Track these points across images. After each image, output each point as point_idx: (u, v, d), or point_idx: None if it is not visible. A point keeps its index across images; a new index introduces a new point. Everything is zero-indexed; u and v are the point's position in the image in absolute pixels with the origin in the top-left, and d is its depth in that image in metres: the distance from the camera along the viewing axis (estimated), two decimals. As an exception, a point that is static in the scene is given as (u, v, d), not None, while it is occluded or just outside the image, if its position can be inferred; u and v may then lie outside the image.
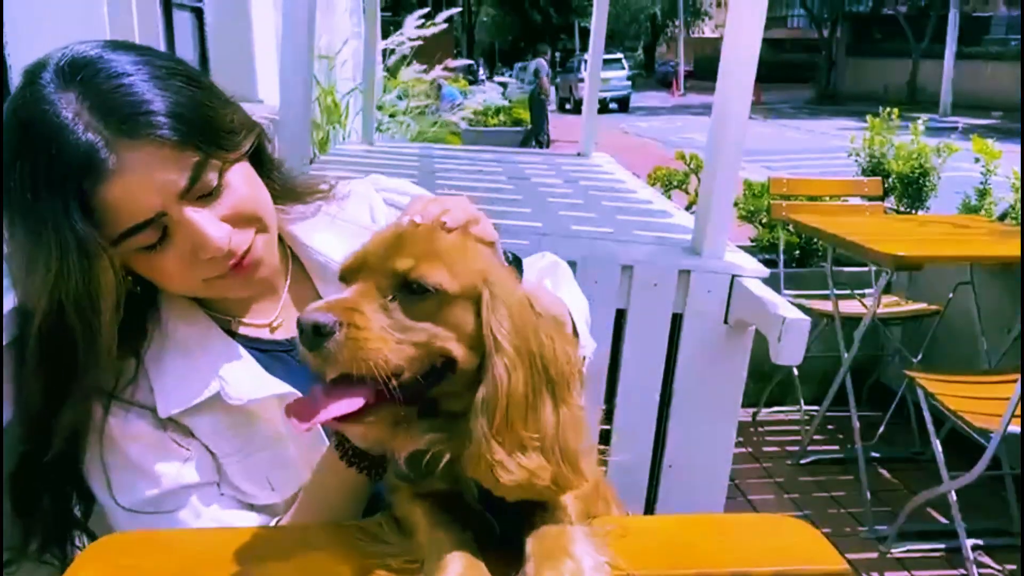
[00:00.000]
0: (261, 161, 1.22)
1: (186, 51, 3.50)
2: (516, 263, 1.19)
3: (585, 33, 43.55)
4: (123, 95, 1.01)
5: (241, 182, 1.12)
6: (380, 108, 6.55)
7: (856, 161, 5.05)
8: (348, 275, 0.93)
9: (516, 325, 0.90)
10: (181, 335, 1.17)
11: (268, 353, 1.22)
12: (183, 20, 3.44)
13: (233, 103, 1.17)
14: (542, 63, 16.11)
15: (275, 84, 4.16)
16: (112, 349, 1.08)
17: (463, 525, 0.93)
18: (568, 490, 0.92)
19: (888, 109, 4.99)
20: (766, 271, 2.05)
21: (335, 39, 6.29)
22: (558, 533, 0.90)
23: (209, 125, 1.07)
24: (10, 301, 1.09)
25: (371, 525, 0.99)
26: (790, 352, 1.78)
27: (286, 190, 1.27)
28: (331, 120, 5.72)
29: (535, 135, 14.58)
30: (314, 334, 0.82)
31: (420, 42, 7.58)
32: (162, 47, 3.14)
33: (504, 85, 16.37)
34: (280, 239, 1.27)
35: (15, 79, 1.80)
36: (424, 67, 7.95)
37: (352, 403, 0.86)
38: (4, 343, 1.07)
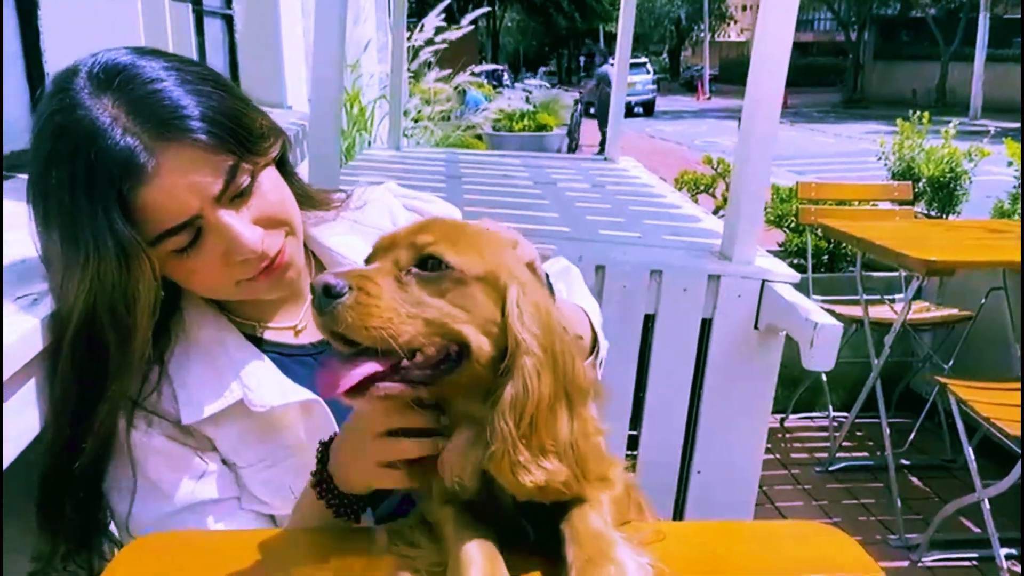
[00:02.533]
0: (284, 167, 1.23)
1: (216, 58, 3.54)
2: (548, 287, 1.19)
3: (610, 37, 43.55)
4: (158, 100, 1.02)
5: (271, 186, 1.14)
6: (404, 114, 6.59)
7: (885, 165, 5.00)
8: (372, 256, 0.93)
9: (543, 330, 0.90)
10: (204, 341, 1.17)
11: (292, 358, 1.23)
12: (214, 27, 3.48)
13: (260, 109, 1.18)
14: (608, 70, 16.10)
15: (303, 91, 4.20)
16: (145, 353, 1.09)
17: (496, 531, 0.93)
18: (578, 494, 0.92)
19: (919, 113, 4.94)
20: (797, 276, 2.03)
21: (360, 47, 6.33)
22: (597, 536, 0.89)
23: (241, 129, 1.08)
24: (44, 309, 1.10)
25: (403, 529, 0.99)
26: (822, 358, 1.76)
27: (306, 196, 1.29)
28: (357, 127, 5.77)
29: (602, 141, 14.52)
30: (324, 294, 0.83)
31: (444, 45, 7.59)
32: (194, 54, 3.17)
33: (528, 91, 16.34)
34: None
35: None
36: (448, 71, 7.96)
37: (370, 367, 0.85)
38: (39, 350, 1.08)
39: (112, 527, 1.20)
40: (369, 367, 0.85)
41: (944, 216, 4.64)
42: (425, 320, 0.86)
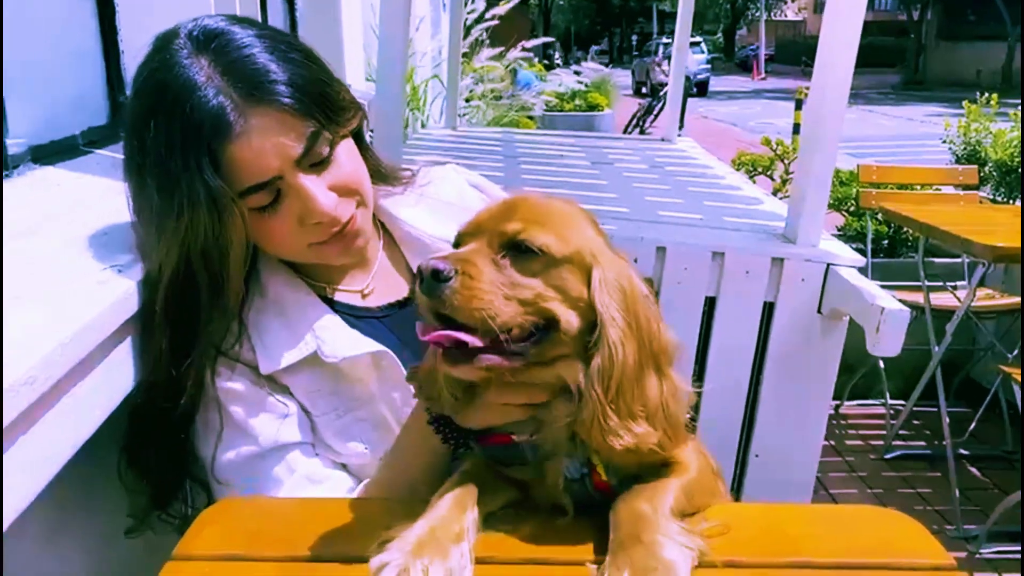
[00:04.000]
0: (360, 140, 1.29)
1: (277, 35, 3.58)
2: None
3: (663, 16, 42.95)
4: (250, 64, 1.09)
5: (347, 157, 1.19)
6: (456, 93, 6.58)
7: (950, 149, 4.88)
8: (461, 239, 0.98)
9: (625, 301, 0.96)
10: (279, 297, 1.23)
11: (360, 319, 1.28)
12: (276, 6, 3.52)
13: (342, 82, 1.23)
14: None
15: (362, 70, 4.23)
16: (236, 304, 1.16)
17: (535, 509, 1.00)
18: (670, 452, 0.98)
19: (986, 95, 4.80)
20: (862, 260, 2.01)
21: (413, 24, 6.33)
22: (635, 519, 0.91)
23: (324, 99, 1.14)
24: (135, 274, 1.15)
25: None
26: (888, 343, 1.74)
27: (378, 171, 1.34)
28: (411, 106, 5.78)
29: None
30: (432, 279, 0.88)
31: (496, 21, 7.55)
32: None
33: (579, 72, 16.17)
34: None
35: (128, 65, 1.88)
36: (500, 49, 7.93)
37: (469, 338, 0.90)
38: (133, 312, 1.13)
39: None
40: (466, 337, 0.90)
41: (1010, 202, 4.51)
42: (520, 300, 0.92)
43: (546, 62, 16.77)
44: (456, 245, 0.99)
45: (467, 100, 7.36)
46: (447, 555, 0.87)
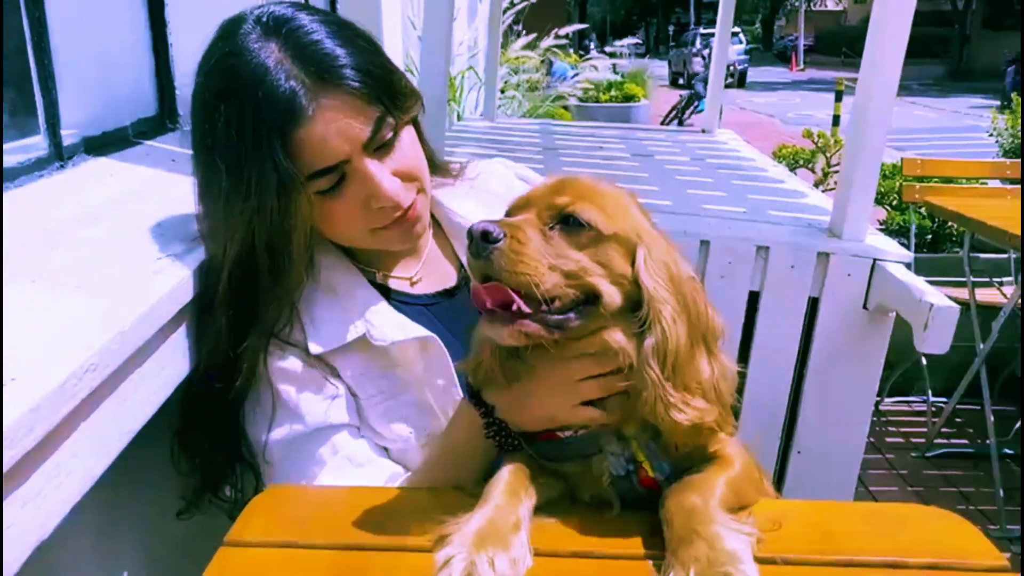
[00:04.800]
0: (418, 129, 1.30)
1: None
2: None
3: (700, 6, 42.47)
4: (320, 48, 1.11)
5: (409, 143, 1.22)
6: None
7: (997, 142, 4.77)
8: (512, 212, 1.00)
9: (672, 280, 0.97)
10: (331, 282, 1.25)
11: (409, 305, 1.29)
12: (317, -2, 3.55)
13: (401, 70, 1.25)
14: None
15: (399, 62, 4.25)
16: (296, 287, 1.19)
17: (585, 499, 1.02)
18: (725, 431, 1.00)
19: (1036, 86, 4.68)
20: (909, 255, 1.98)
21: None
22: (690, 513, 0.91)
23: (389, 85, 1.16)
24: (190, 263, 1.17)
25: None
26: (936, 340, 1.72)
27: (431, 161, 1.35)
28: (447, 98, 5.78)
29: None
30: (482, 239, 0.90)
31: (531, 1, 7.50)
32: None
33: (614, 55, 16.03)
34: None
35: (177, 57, 1.91)
36: (534, 36, 7.89)
37: (515, 297, 0.92)
38: (191, 297, 1.15)
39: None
40: (512, 295, 0.92)
41: (1060, 196, 4.40)
42: (564, 272, 0.94)
43: (581, 52, 16.66)
44: (506, 215, 1.00)
45: (502, 91, 7.35)
46: (509, 545, 0.87)
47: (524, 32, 7.73)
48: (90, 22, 1.66)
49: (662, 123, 13.52)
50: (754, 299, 2.05)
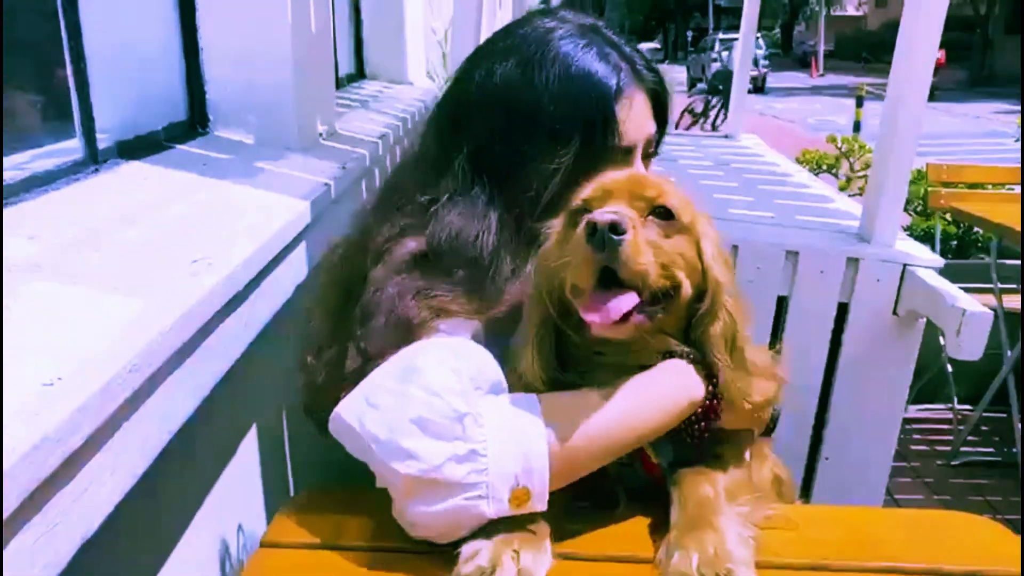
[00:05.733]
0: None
1: (343, 34, 3.63)
2: None
3: (719, 11, 42.33)
4: (628, 50, 1.23)
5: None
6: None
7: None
8: (591, 204, 1.00)
9: (728, 268, 1.03)
10: None
11: None
12: (341, 4, 3.56)
13: None
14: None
15: (423, 68, 4.27)
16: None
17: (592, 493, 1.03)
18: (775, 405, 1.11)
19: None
20: (941, 261, 1.96)
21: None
22: (703, 502, 0.93)
23: (662, 105, 1.28)
24: (224, 268, 1.17)
25: None
26: (969, 347, 1.70)
27: None
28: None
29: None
30: (610, 231, 0.90)
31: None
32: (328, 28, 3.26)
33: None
34: None
35: (207, 61, 1.92)
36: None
37: (630, 300, 0.93)
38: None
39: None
40: (629, 300, 0.93)
41: (1088, 202, 4.35)
42: (660, 263, 0.96)
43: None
44: (584, 210, 1.00)
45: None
46: (533, 542, 0.90)
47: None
48: (123, 28, 1.68)
49: (687, 128, 13.53)
50: (782, 304, 2.04)
